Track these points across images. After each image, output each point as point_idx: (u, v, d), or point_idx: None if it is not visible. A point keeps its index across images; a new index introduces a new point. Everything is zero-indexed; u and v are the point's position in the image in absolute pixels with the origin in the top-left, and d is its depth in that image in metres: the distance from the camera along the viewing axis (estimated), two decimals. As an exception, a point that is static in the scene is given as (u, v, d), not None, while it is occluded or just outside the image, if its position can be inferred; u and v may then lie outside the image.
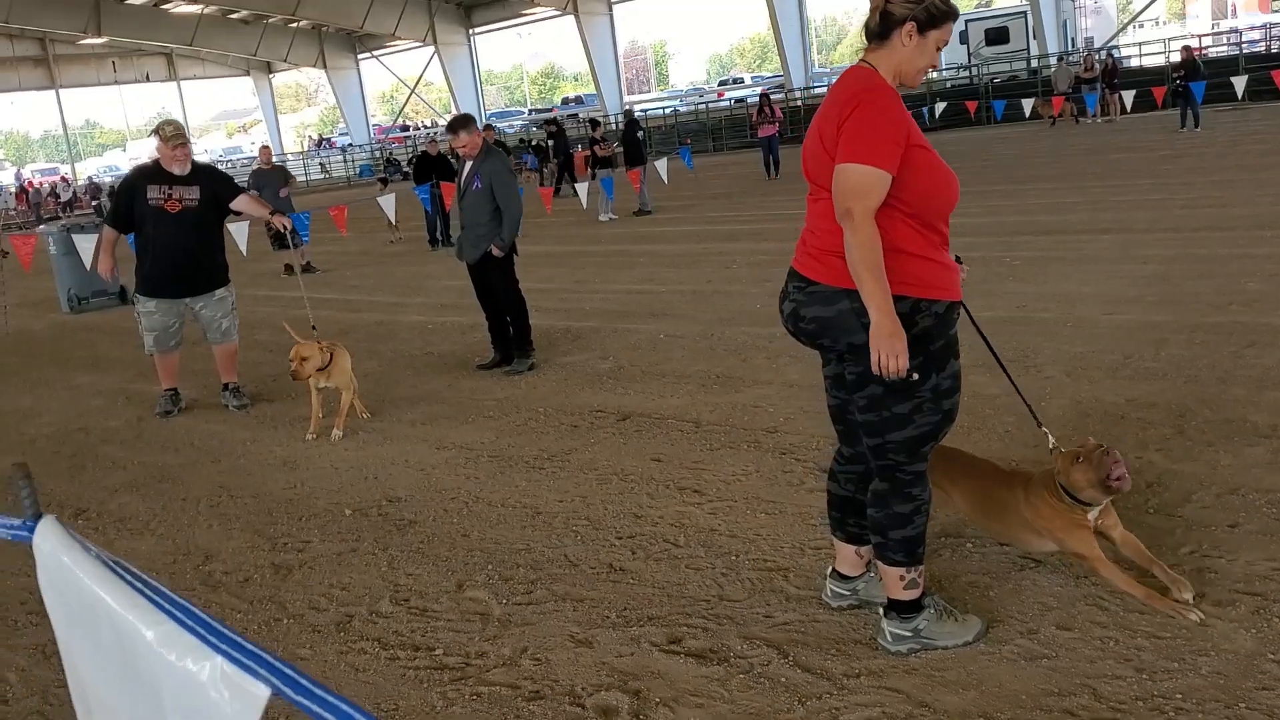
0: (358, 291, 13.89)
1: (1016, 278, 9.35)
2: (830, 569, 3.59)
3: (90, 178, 54.39)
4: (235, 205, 7.55)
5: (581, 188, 18.18)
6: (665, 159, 20.49)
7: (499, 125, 51.92)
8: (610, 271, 12.84)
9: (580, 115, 52.37)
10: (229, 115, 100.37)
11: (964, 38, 40.48)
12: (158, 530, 5.21)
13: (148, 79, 61.26)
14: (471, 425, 6.56)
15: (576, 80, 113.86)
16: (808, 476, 4.86)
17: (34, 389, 9.49)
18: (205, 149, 58.48)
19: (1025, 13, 37.76)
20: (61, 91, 58.56)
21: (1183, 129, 22.01)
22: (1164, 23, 48.63)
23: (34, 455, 7.06)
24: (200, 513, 5.41)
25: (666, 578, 3.96)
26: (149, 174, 7.46)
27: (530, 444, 5.98)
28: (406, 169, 45.03)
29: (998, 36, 38.91)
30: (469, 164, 7.79)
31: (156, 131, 7.42)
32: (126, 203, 7.45)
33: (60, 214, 41.90)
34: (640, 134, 19.74)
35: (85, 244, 13.32)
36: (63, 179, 50.05)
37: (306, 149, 63.06)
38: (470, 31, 54.84)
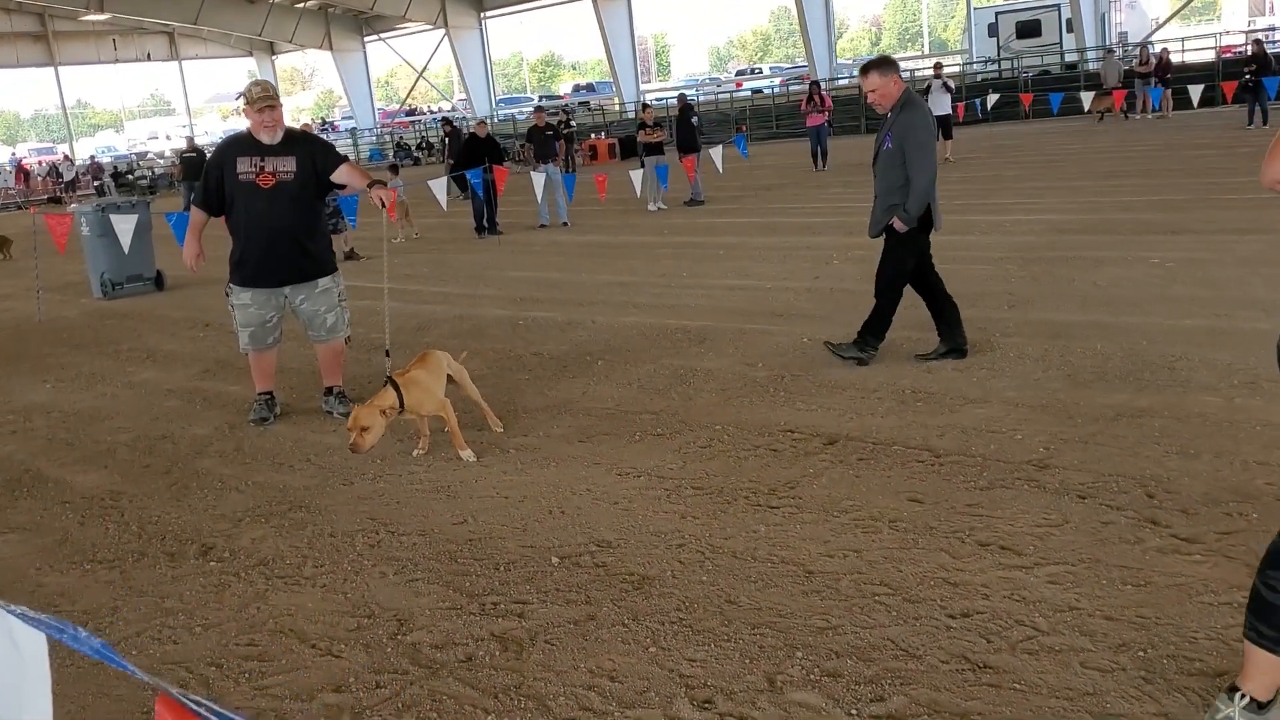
0: (416, 281, 12.91)
1: (1180, 281, 8.46)
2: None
3: (92, 156, 53.05)
4: (337, 177, 6.55)
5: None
6: (721, 147, 19.45)
7: (507, 111, 50.89)
8: (692, 265, 11.91)
9: (591, 103, 51.40)
10: (222, 98, 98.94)
11: (993, 30, 39.65)
12: (317, 579, 4.25)
13: (149, 58, 59.84)
14: (643, 445, 5.62)
15: (575, 69, 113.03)
16: (1143, 531, 3.92)
17: (90, 385, 8.50)
18: (204, 131, 57.01)
19: (1059, 6, 36.86)
20: (60, 69, 57.14)
21: (1250, 126, 21.14)
22: (1194, 21, 47.80)
23: (122, 469, 6.09)
24: (362, 555, 4.45)
25: (1062, 680, 3.02)
26: (239, 144, 6.51)
27: (732, 472, 5.04)
28: (417, 154, 44.10)
29: (1029, 29, 38.01)
30: (887, 120, 6.49)
31: (243, 95, 6.47)
32: (216, 178, 6.49)
33: (63, 194, 40.74)
34: (695, 120, 18.73)
35: (123, 225, 12.34)
36: (65, 158, 48.66)
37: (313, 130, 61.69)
38: (482, 15, 53.65)
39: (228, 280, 6.63)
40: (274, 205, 6.36)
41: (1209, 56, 32.79)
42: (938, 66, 21.62)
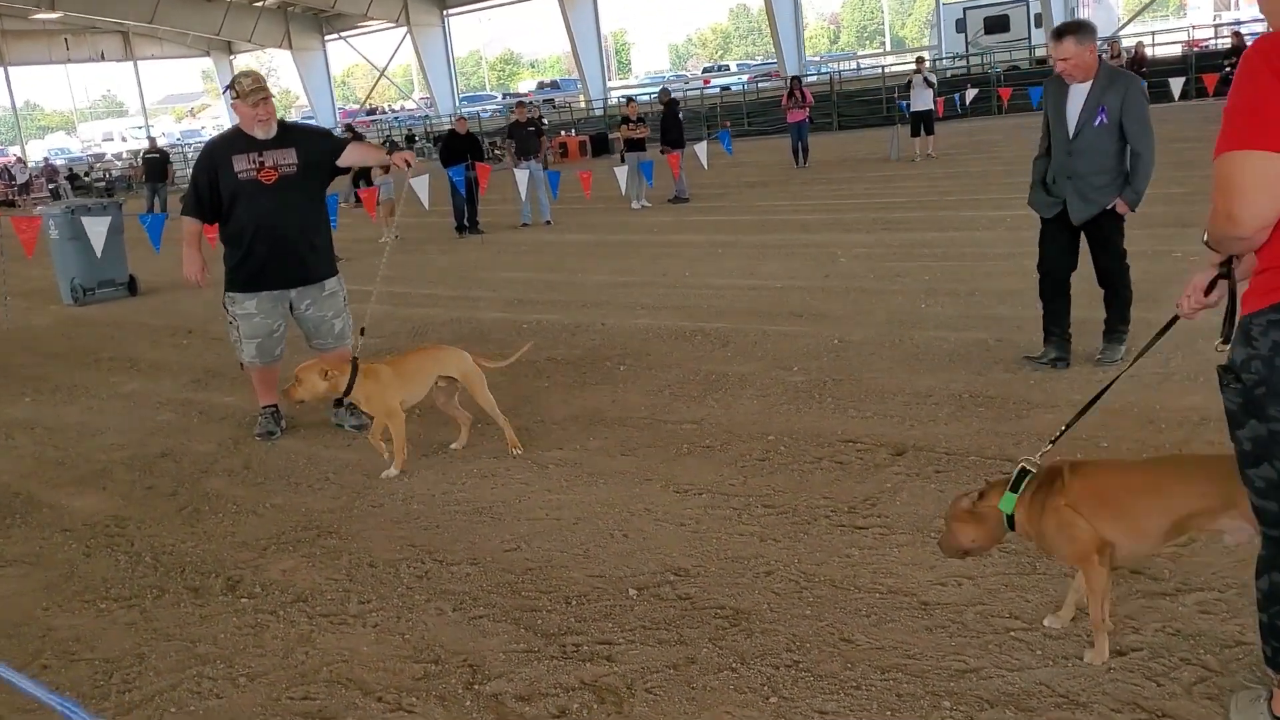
0: (402, 283, 12.41)
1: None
2: None
3: (46, 158, 51.79)
4: (345, 161, 6.12)
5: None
6: (705, 143, 19.08)
7: (471, 109, 50.26)
8: (692, 263, 11.54)
9: (556, 101, 50.87)
10: (175, 99, 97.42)
11: (961, 25, 39.60)
12: (366, 617, 3.82)
13: (103, 57, 58.56)
14: (693, 458, 5.23)
15: (534, 67, 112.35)
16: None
17: (73, 398, 7.98)
18: (162, 132, 55.78)
19: (1027, 1, 36.85)
20: (9, 69, 55.76)
21: (1231, 119, 21.03)
22: (1151, 17, 48.04)
23: (122, 492, 5.62)
24: (411, 589, 4.02)
25: (1258, 730, 2.66)
26: (231, 142, 6.03)
27: (801, 488, 4.66)
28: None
29: (998, 25, 37.97)
30: (1078, 90, 5.79)
31: (231, 87, 5.96)
32: (208, 181, 5.97)
33: (16, 198, 39.68)
34: (681, 116, 18.35)
35: (95, 228, 11.77)
36: (18, 160, 47.42)
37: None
38: (445, 12, 52.97)
39: (225, 291, 6.14)
40: (279, 201, 5.91)
41: (1176, 51, 32.88)
42: (919, 61, 21.38)
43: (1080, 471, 2.97)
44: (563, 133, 36.45)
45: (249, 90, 5.83)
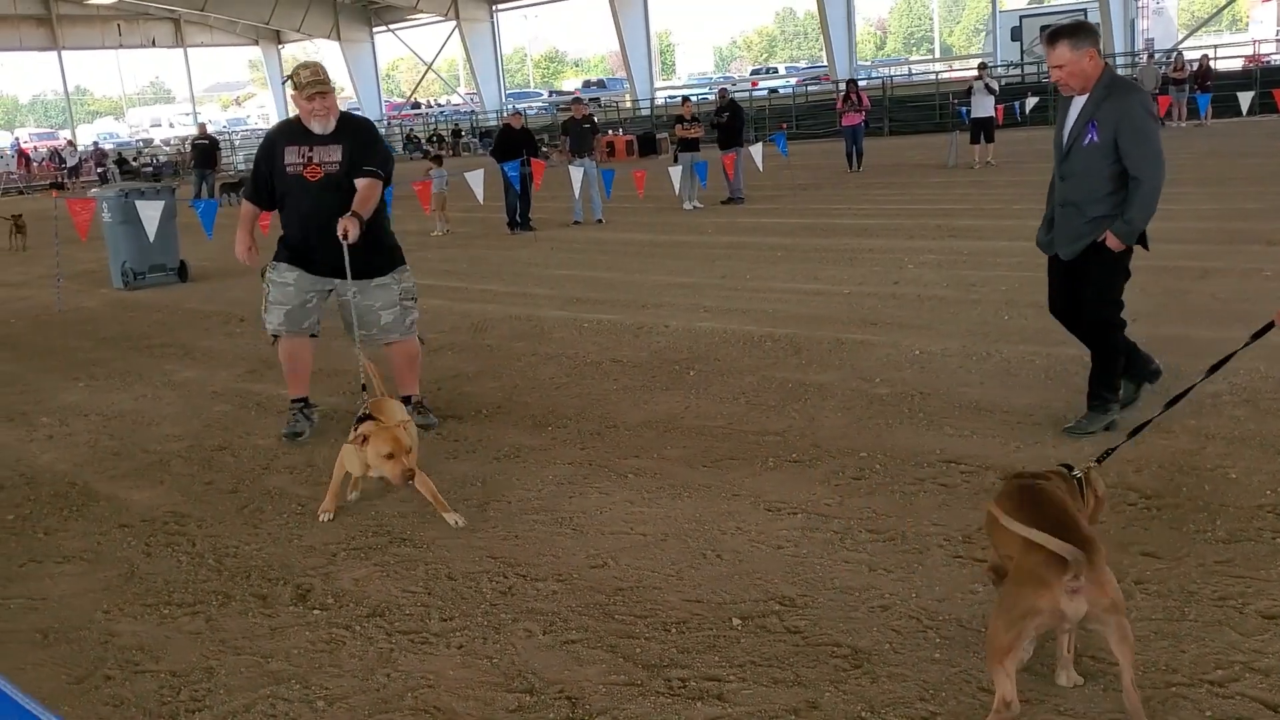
0: (456, 278, 12.21)
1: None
2: None
3: (95, 142, 52.18)
4: (356, 183, 5.58)
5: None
6: (760, 144, 18.75)
7: (518, 106, 50.14)
8: (751, 266, 11.24)
9: (602, 100, 50.68)
10: (222, 88, 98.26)
11: (1016, 34, 39.06)
12: (449, 637, 3.55)
13: (154, 44, 58.95)
14: (781, 474, 4.93)
15: (578, 66, 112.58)
16: None
17: (126, 384, 7.79)
18: (209, 120, 56.10)
19: (1085, 10, 36.23)
20: (63, 54, 56.24)
21: (1301, 136, 20.51)
22: (1219, 30, 47.22)
23: (181, 487, 5.39)
24: (495, 606, 3.75)
25: None
26: (289, 132, 5.78)
27: (906, 512, 4.35)
28: (427, 146, 43.32)
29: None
30: (1076, 105, 5.01)
31: (291, 78, 5.70)
32: (266, 169, 5.77)
33: (65, 180, 39.94)
34: (740, 116, 18.04)
35: (149, 211, 11.62)
36: (68, 143, 47.77)
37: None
38: (494, 7, 52.88)
39: (272, 259, 5.88)
40: (322, 201, 5.57)
41: (1237, 65, 32.23)
42: (981, 67, 20.95)
43: None
44: (610, 132, 36.24)
45: (306, 82, 5.54)
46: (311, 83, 5.53)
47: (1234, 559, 3.69)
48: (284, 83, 6.29)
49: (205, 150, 25.69)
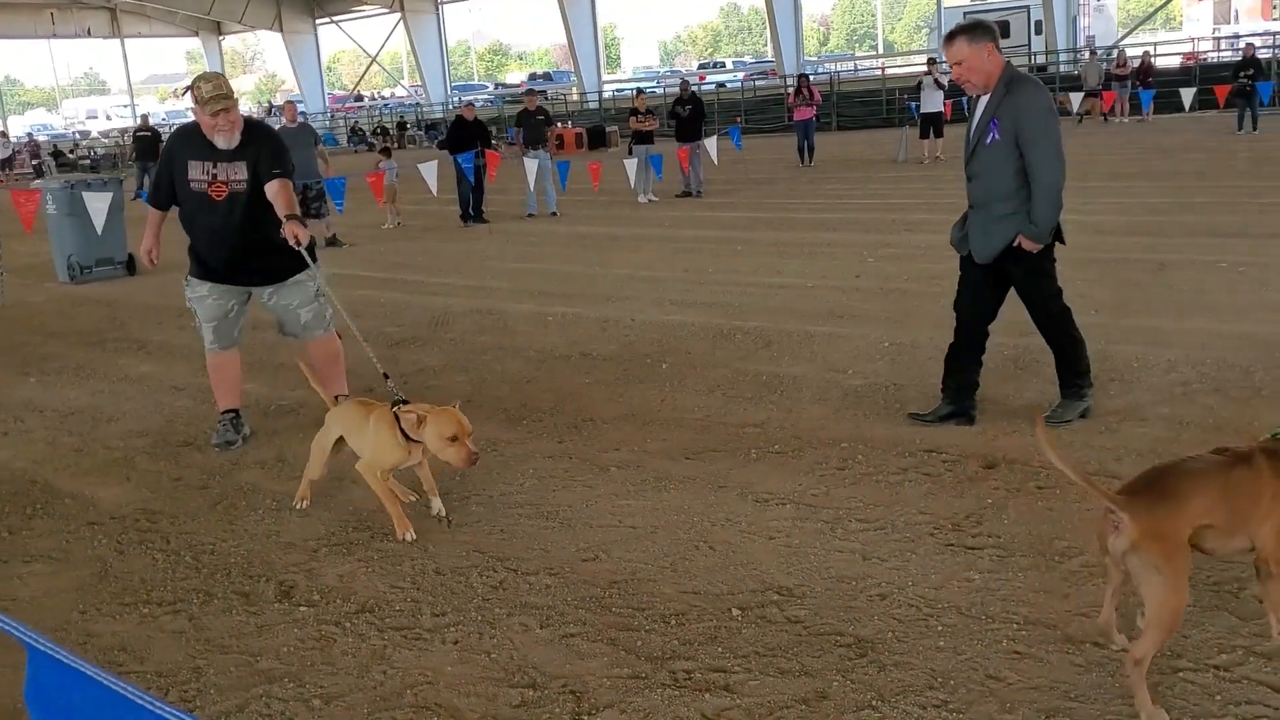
0: (412, 271, 12.08)
1: (1272, 286, 7.91)
2: None
3: (29, 134, 50.94)
4: (267, 190, 5.36)
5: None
6: (715, 139, 18.75)
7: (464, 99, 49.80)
8: (713, 259, 11.23)
9: (549, 93, 50.43)
10: (159, 80, 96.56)
11: (961, 30, 39.41)
12: (444, 632, 3.48)
13: (89, 34, 57.65)
14: (765, 465, 4.91)
15: (522, 59, 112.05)
16: None
17: (80, 380, 7.60)
18: (148, 111, 55.01)
19: (1028, 8, 36.73)
20: (-5, 42, 54.90)
21: (1240, 131, 20.93)
22: (1153, 28, 48.09)
23: (149, 483, 5.25)
24: (489, 601, 3.69)
25: None
26: (191, 143, 5.39)
27: (893, 501, 4.35)
28: (372, 139, 42.87)
29: (999, 31, 37.78)
30: (981, 104, 4.94)
31: (190, 90, 5.31)
32: (167, 177, 5.52)
33: (-1, 172, 38.92)
34: (701, 110, 18.01)
35: (96, 204, 11.37)
36: (1, 134, 46.58)
37: (257, 114, 59.99)
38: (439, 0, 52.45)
39: (187, 274, 5.73)
40: (229, 219, 5.40)
41: (1174, 63, 32.85)
42: (931, 63, 21.11)
43: None
44: (558, 125, 36.08)
45: (208, 98, 5.16)
46: (215, 98, 5.17)
47: (1223, 544, 3.72)
48: (184, 94, 6.06)
49: (147, 142, 25.19)
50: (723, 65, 60.11)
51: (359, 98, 64.51)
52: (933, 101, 20.40)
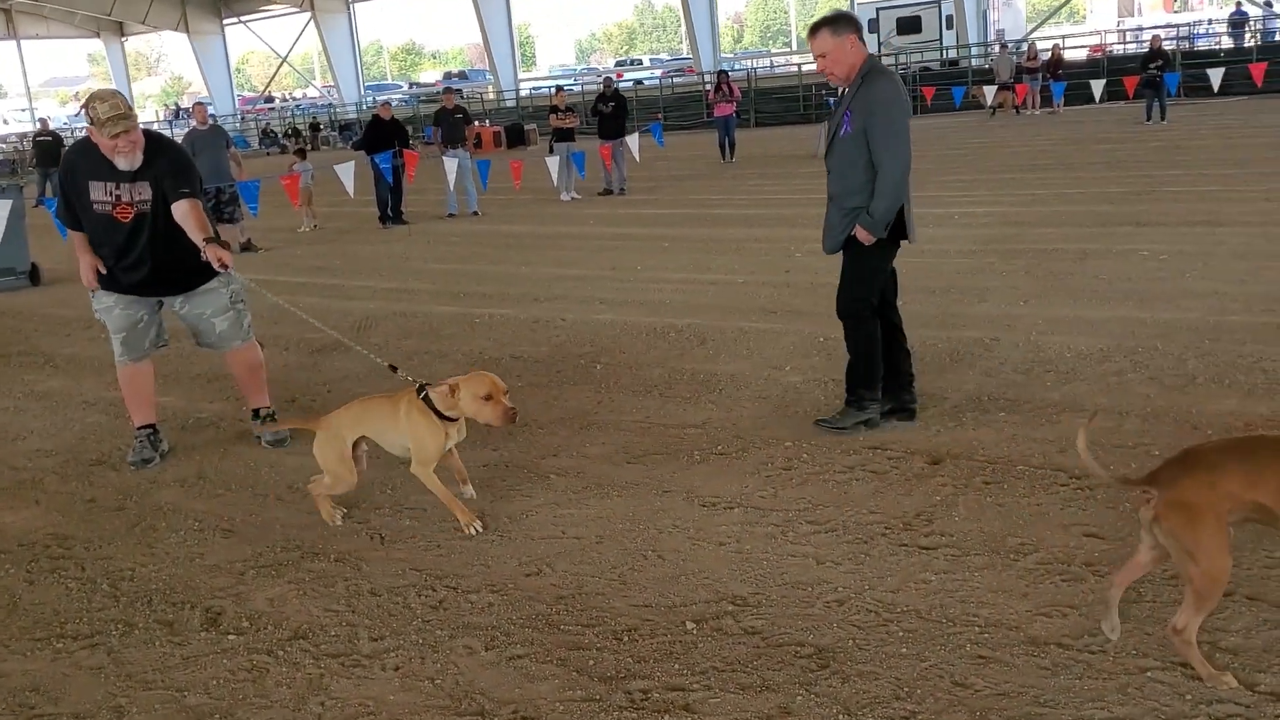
0: (331, 275, 11.78)
1: (1190, 274, 8.03)
2: None
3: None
4: (174, 210, 5.07)
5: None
6: (637, 135, 18.64)
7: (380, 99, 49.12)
8: (640, 257, 11.12)
9: (464, 92, 49.96)
10: (59, 83, 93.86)
11: (874, 26, 39.82)
12: (384, 658, 3.30)
13: (-18, 35, 55.70)
14: (709, 467, 4.80)
15: (435, 58, 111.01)
16: None
17: (-16, 397, 7.21)
18: (48, 115, 53.24)
19: (939, 2, 37.26)
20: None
21: (1149, 121, 21.41)
22: (1058, 22, 49.10)
23: (59, 506, 4.96)
24: (429, 623, 3.51)
25: None
26: (91, 163, 5.06)
27: (842, 501, 4.26)
28: (285, 141, 42.04)
29: (910, 26, 38.32)
30: (844, 96, 4.85)
31: (85, 108, 5.00)
32: (71, 193, 5.21)
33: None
34: (624, 107, 17.87)
35: (-3, 211, 10.86)
36: (-109, 140, 44.77)
37: (163, 118, 58.52)
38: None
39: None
40: (135, 239, 5.14)
41: (1080, 55, 33.58)
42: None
43: None
44: (476, 123, 35.71)
45: (105, 119, 4.83)
46: (113, 119, 4.84)
47: (1176, 536, 3.68)
48: (78, 113, 5.69)
49: (48, 147, 24.29)
50: (640, 63, 60.01)
51: (270, 99, 63.26)
52: (850, 96, 20.50)
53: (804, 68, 37.43)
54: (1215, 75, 22.91)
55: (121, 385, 5.54)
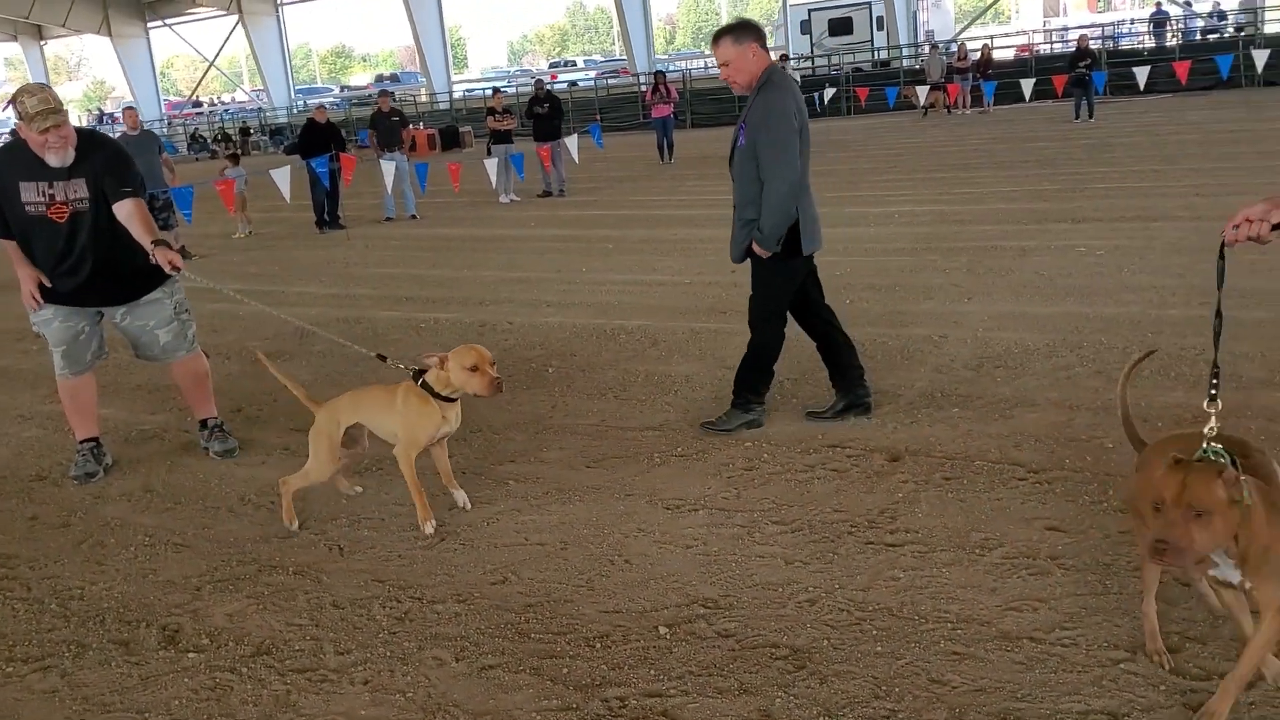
0: (269, 281, 11.60)
1: (1129, 269, 8.18)
2: None
3: None
4: (117, 210, 4.96)
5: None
6: (575, 137, 18.58)
7: (312, 102, 48.47)
8: (584, 259, 11.08)
9: (396, 95, 49.53)
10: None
11: (806, 28, 40.18)
12: (351, 672, 3.23)
13: (-107, 38, 53.96)
14: (670, 469, 4.78)
15: (365, 61, 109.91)
16: None
17: (-88, 414, 6.97)
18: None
19: (869, 4, 37.66)
20: None
21: (1077, 119, 21.81)
22: (984, 22, 49.87)
23: (1, 524, 4.79)
24: (396, 634, 3.45)
25: None
26: (20, 163, 4.88)
27: (806, 500, 4.27)
28: (214, 146, 41.35)
29: (841, 27, 38.69)
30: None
31: (13, 103, 4.85)
32: (1, 202, 5.01)
33: None
34: (559, 109, 17.81)
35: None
36: None
37: (86, 124, 57.20)
38: (279, 2, 50.83)
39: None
40: (73, 241, 4.99)
41: (1007, 55, 34.16)
42: (783, 58, 21.38)
43: None
44: (412, 126, 35.40)
45: (34, 113, 4.66)
46: (42, 113, 4.66)
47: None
48: (5, 108, 5.51)
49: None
50: (574, 64, 59.91)
51: (197, 103, 62.16)
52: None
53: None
54: (1141, 73, 23.42)
55: (63, 399, 5.39)
